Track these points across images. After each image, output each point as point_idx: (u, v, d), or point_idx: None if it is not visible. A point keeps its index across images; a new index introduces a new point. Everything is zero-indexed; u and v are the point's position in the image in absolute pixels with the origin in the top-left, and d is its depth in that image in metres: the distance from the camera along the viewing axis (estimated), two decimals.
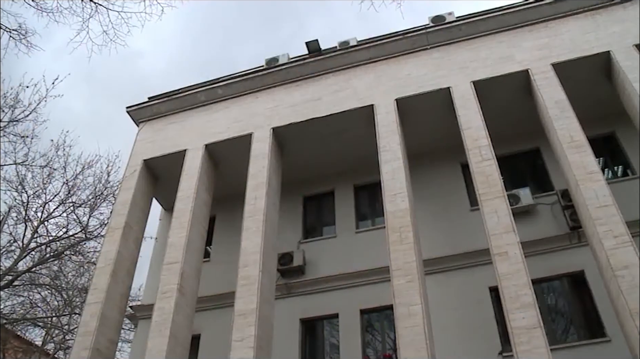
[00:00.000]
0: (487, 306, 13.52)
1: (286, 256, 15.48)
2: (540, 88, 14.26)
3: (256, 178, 14.81)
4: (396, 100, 15.25)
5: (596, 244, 11.48)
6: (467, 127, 14.01)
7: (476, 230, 13.21)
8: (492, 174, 12.89)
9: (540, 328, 10.28)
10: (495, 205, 12.29)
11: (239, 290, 12.72)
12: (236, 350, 11.73)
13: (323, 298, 14.89)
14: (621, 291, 10.35)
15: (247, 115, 16.64)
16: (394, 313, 11.35)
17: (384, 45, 16.68)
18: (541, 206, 14.85)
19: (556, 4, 16.02)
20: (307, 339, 14.79)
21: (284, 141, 16.19)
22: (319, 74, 16.88)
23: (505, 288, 10.98)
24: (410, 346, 10.74)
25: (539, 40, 15.49)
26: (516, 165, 16.06)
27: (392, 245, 12.31)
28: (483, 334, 13.05)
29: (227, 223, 17.07)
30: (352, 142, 16.22)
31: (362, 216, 16.70)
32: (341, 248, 15.74)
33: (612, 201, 11.68)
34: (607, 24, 15.30)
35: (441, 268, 14.11)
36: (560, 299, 13.84)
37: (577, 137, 12.99)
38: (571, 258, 13.78)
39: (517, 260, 11.29)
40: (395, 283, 11.68)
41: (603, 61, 14.70)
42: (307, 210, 17.33)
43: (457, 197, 15.75)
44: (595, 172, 12.30)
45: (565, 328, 13.51)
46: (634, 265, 10.58)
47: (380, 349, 14.14)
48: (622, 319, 10.61)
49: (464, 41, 16.19)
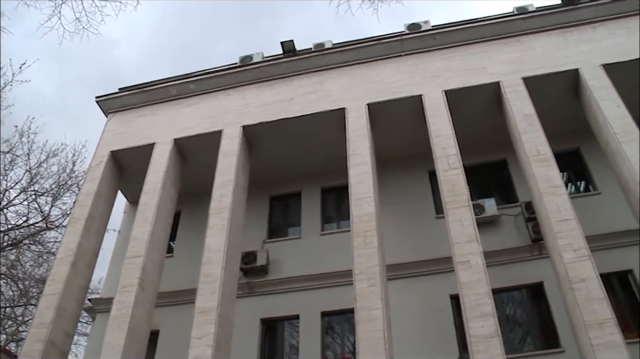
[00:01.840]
0: (447, 313, 13.65)
1: (250, 255, 15.40)
2: (510, 101, 14.46)
3: (224, 175, 14.71)
4: (368, 104, 15.31)
5: (556, 257, 11.68)
6: (437, 135, 14.14)
7: (440, 238, 13.32)
8: (458, 183, 13.02)
9: (497, 337, 10.41)
10: (460, 214, 12.41)
11: (201, 287, 12.61)
12: (195, 347, 11.62)
13: (284, 299, 14.85)
14: (577, 304, 10.57)
15: (218, 112, 16.53)
16: (355, 317, 11.38)
17: (358, 49, 16.74)
18: (505, 217, 15.06)
19: (529, 19, 16.29)
20: (267, 340, 14.74)
21: (254, 140, 16.12)
22: (292, 75, 16.85)
23: (465, 297, 11.10)
24: (369, 350, 10.78)
25: (511, 54, 15.71)
26: (483, 175, 16.23)
27: (356, 248, 12.35)
28: (442, 341, 13.16)
29: (192, 219, 16.92)
30: (322, 144, 16.23)
31: (327, 219, 16.72)
32: (305, 249, 15.73)
33: (574, 215, 11.91)
34: (577, 42, 15.61)
35: (404, 274, 14.18)
36: (519, 309, 14.07)
37: (543, 150, 13.21)
38: (531, 270, 13.99)
39: (478, 269, 11.42)
40: (357, 286, 11.71)
41: (572, 78, 14.98)
42: (273, 210, 17.28)
43: (423, 204, 15.86)
44: (558, 186, 12.52)
45: (522, 337, 13.72)
46: (591, 279, 10.82)
47: (340, 352, 14.16)
48: (576, 330, 10.82)
49: (438, 50, 16.33)
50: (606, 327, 10.15)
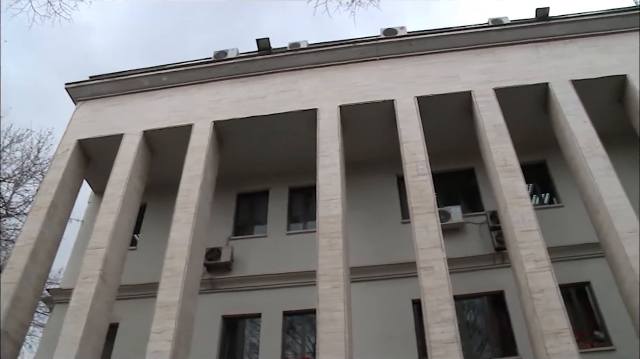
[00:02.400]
0: (408, 318, 13.75)
1: (214, 251, 15.30)
2: (481, 111, 14.63)
3: (192, 170, 14.59)
4: (340, 106, 15.34)
5: (518, 266, 11.85)
6: (407, 140, 14.23)
7: (405, 243, 13.39)
8: (426, 189, 13.13)
9: (457, 343, 10.52)
10: (426, 220, 12.51)
11: (163, 281, 12.47)
12: (154, 342, 11.48)
13: (247, 297, 14.79)
14: (536, 313, 10.74)
15: (189, 106, 16.39)
16: (317, 318, 11.37)
17: (333, 51, 16.76)
18: (470, 225, 15.23)
19: (503, 32, 16.51)
20: (228, 337, 14.65)
21: (224, 136, 16.02)
22: (266, 73, 16.80)
23: (427, 302, 11.18)
24: (329, 352, 10.80)
25: (484, 64, 15.90)
26: (450, 182, 16.39)
27: (321, 249, 12.36)
28: (402, 345, 13.27)
29: (158, 213, 16.73)
30: (292, 143, 16.21)
31: (294, 219, 16.70)
32: (270, 248, 15.69)
33: (537, 226, 12.10)
34: (549, 57, 15.88)
35: (367, 277, 14.24)
36: (479, 316, 14.25)
37: (510, 161, 13.39)
38: (493, 278, 14.17)
39: (441, 275, 11.52)
40: (320, 287, 11.72)
41: (541, 92, 15.22)
42: (240, 207, 17.19)
43: (390, 209, 15.96)
44: (524, 197, 12.71)
45: (481, 344, 13.90)
46: (551, 289, 11.01)
47: (300, 352, 14.16)
48: (533, 339, 11.00)
49: (412, 56, 16.44)
50: (562, 337, 10.34)
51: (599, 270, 13.32)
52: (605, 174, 12.84)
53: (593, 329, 13.40)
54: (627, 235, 11.67)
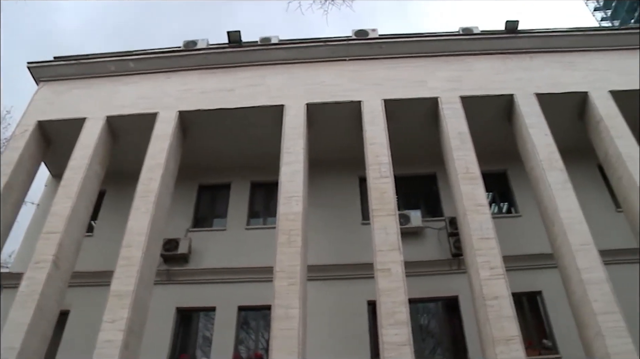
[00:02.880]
0: (363, 318, 13.83)
1: (172, 242, 15.12)
2: (446, 118, 14.78)
3: (154, 158, 14.38)
4: (307, 104, 15.32)
5: (473, 273, 12.02)
6: (371, 142, 14.30)
7: (364, 244, 13.45)
8: (387, 192, 13.21)
9: (409, 346, 10.63)
10: (385, 222, 12.59)
11: (118, 270, 12.27)
12: (106, 331, 11.27)
13: (203, 290, 14.65)
14: (488, 320, 10.92)
15: (156, 94, 16.15)
16: (272, 314, 11.36)
17: (304, 48, 16.74)
18: (429, 230, 15.38)
19: (473, 41, 16.74)
20: (181, 329, 14.48)
21: (189, 126, 15.83)
22: (235, 65, 16.67)
23: (382, 304, 11.27)
24: (282, 349, 10.77)
25: (452, 72, 16.07)
26: (412, 186, 16.54)
27: (280, 246, 12.33)
28: (355, 346, 13.33)
29: (117, 200, 16.45)
30: (257, 138, 16.12)
31: (254, 214, 16.62)
32: (229, 242, 15.58)
33: (494, 234, 12.30)
34: (515, 69, 16.16)
35: (324, 276, 14.24)
36: (433, 320, 14.42)
37: (472, 169, 13.58)
38: (448, 283, 14.36)
39: (398, 277, 11.62)
40: (277, 284, 11.70)
41: (506, 103, 15.46)
42: (201, 199, 17.01)
43: (350, 209, 16.02)
44: (483, 205, 12.90)
45: (433, 348, 14.07)
46: (504, 297, 11.21)
47: (253, 348, 14.09)
48: (485, 345, 11.18)
49: (382, 59, 16.53)
50: (512, 344, 10.55)
51: (551, 281, 13.62)
52: (563, 187, 13.13)
53: (542, 338, 13.71)
54: (580, 248, 11.99)
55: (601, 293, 11.27)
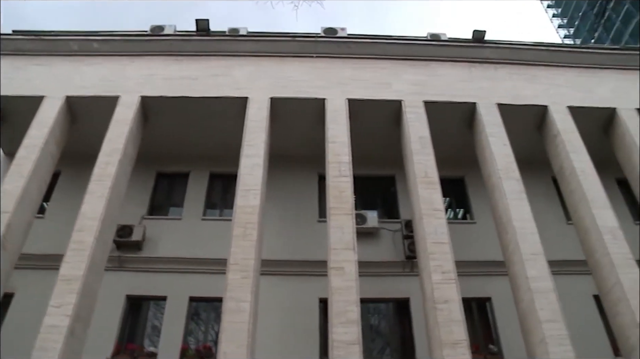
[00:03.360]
0: (314, 315, 13.85)
1: (126, 228, 14.86)
2: (409, 121, 14.90)
3: (112, 143, 14.11)
4: (271, 98, 15.26)
5: (425, 276, 12.15)
6: (333, 141, 14.32)
7: (319, 241, 13.49)
8: (345, 191, 13.25)
9: (358, 345, 10.68)
10: (342, 221, 12.63)
11: (69, 254, 11.97)
12: (51, 316, 10.98)
13: (154, 278, 14.45)
14: (437, 323, 11.07)
15: (119, 77, 15.83)
16: (223, 306, 11.27)
17: (272, 42, 16.66)
18: (384, 231, 15.49)
19: (440, 47, 16.91)
20: (130, 317, 14.23)
21: (151, 112, 15.58)
22: (201, 54, 16.47)
23: (334, 302, 11.30)
24: (232, 341, 10.71)
25: (417, 76, 16.21)
26: (370, 187, 16.62)
27: (235, 239, 12.25)
28: (305, 342, 13.34)
29: (71, 183, 16.08)
30: (219, 129, 15.96)
31: (211, 205, 16.46)
32: (184, 231, 15.42)
33: (448, 239, 12.47)
34: (479, 78, 16.40)
35: (278, 271, 14.22)
36: (383, 321, 14.55)
37: (431, 173, 13.72)
38: (400, 285, 14.50)
39: (351, 277, 11.66)
40: (230, 277, 11.62)
41: (468, 110, 15.67)
42: (158, 187, 16.75)
43: (307, 206, 16.01)
44: (439, 210, 13.05)
45: (382, 348, 14.19)
46: (454, 301, 11.38)
47: (202, 340, 13.95)
48: (432, 348, 11.31)
49: (349, 58, 16.56)
50: (459, 347, 10.72)
51: (501, 288, 13.87)
52: (518, 197, 13.39)
53: (488, 343, 13.96)
54: (530, 257, 12.26)
55: (547, 302, 11.55)
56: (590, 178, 14.02)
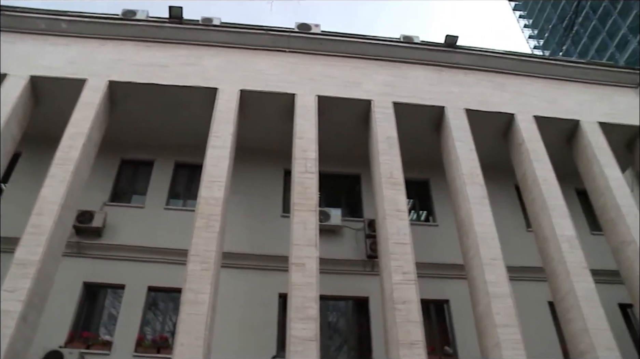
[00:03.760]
0: (272, 310, 13.82)
1: (87, 214, 14.59)
2: (377, 121, 14.96)
3: (77, 126, 13.82)
4: (241, 90, 15.15)
5: (386, 276, 12.23)
6: (300, 136, 14.29)
7: (281, 236, 13.48)
8: (310, 187, 13.25)
9: (316, 342, 10.71)
10: (305, 217, 12.62)
11: (25, 238, 11.69)
12: (4, 301, 10.61)
13: (113, 266, 14.21)
14: (395, 323, 11.16)
15: (87, 60, 15.50)
16: (181, 297, 11.17)
17: (245, 34, 16.53)
18: (347, 230, 15.52)
19: (412, 50, 17.00)
20: (86, 305, 13.99)
21: (118, 98, 15.31)
22: (173, 42, 16.24)
23: (294, 297, 11.30)
24: (189, 333, 10.63)
25: (387, 77, 16.28)
26: (335, 185, 16.65)
27: (197, 230, 12.15)
28: (262, 337, 13.30)
29: (32, 165, 15.65)
30: (187, 118, 15.79)
31: (175, 194, 16.26)
32: (146, 220, 15.19)
33: (410, 240, 12.58)
34: (449, 83, 16.55)
35: (238, 264, 14.17)
36: (342, 319, 14.61)
37: (396, 174, 13.81)
38: (360, 284, 14.55)
39: (311, 273, 11.68)
40: (190, 267, 11.52)
41: (437, 114, 15.80)
42: (122, 174, 16.46)
43: (272, 200, 15.96)
44: (402, 211, 13.15)
45: (340, 346, 14.24)
46: (412, 302, 11.49)
47: (159, 330, 13.80)
48: (389, 348, 11.41)
49: (321, 55, 16.54)
50: (415, 348, 10.83)
51: (459, 291, 14.07)
52: (480, 202, 13.57)
53: (444, 344, 14.14)
54: (489, 262, 12.46)
55: (504, 307, 11.75)
56: (552, 187, 14.30)
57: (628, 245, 13.89)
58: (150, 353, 13.03)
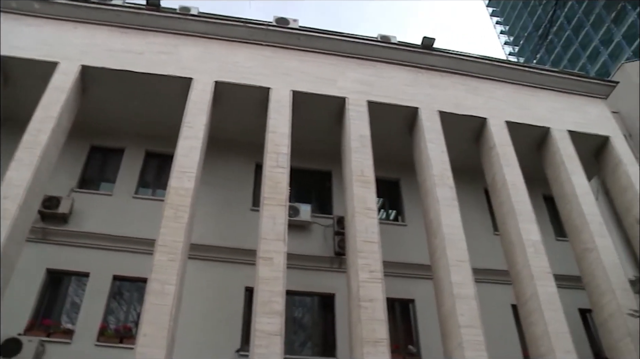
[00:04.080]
0: (238, 304, 13.77)
1: (53, 200, 14.34)
2: (351, 119, 14.98)
3: (47, 110, 13.54)
4: (216, 81, 15.04)
5: (352, 273, 12.28)
6: (273, 131, 14.24)
7: (250, 230, 13.48)
8: (281, 182, 13.22)
9: (280, 336, 10.72)
10: (275, 212, 12.61)
11: None
12: None
13: (78, 253, 13.99)
14: (360, 321, 11.22)
15: (60, 43, 15.20)
16: (147, 287, 11.07)
17: (223, 25, 16.38)
18: (316, 226, 15.54)
19: (389, 49, 17.03)
20: (49, 292, 13.73)
21: (90, 83, 15.06)
22: (149, 29, 15.99)
23: (260, 291, 11.28)
24: (153, 324, 10.54)
25: (363, 76, 16.30)
26: (306, 180, 16.59)
27: (166, 220, 12.04)
28: (227, 329, 13.26)
29: None
30: (160, 107, 15.60)
31: (144, 183, 16.06)
32: (114, 208, 14.98)
33: (378, 239, 12.65)
34: (424, 84, 16.65)
35: (206, 256, 14.09)
36: (307, 315, 14.61)
37: (367, 173, 13.86)
38: (327, 281, 14.60)
39: (279, 268, 11.68)
40: (156, 258, 11.42)
41: (410, 114, 15.89)
42: (91, 160, 16.18)
43: (242, 194, 15.88)
44: (372, 209, 13.21)
45: (304, 342, 14.26)
46: (378, 300, 11.57)
47: (122, 320, 13.63)
48: (354, 345, 11.47)
49: (298, 50, 16.48)
50: (380, 346, 10.91)
51: (424, 291, 14.20)
52: (450, 204, 13.70)
53: (408, 343, 14.26)
54: (456, 263, 12.60)
55: (468, 308, 11.91)
56: (520, 192, 14.51)
57: (590, 252, 14.19)
58: (112, 343, 12.87)
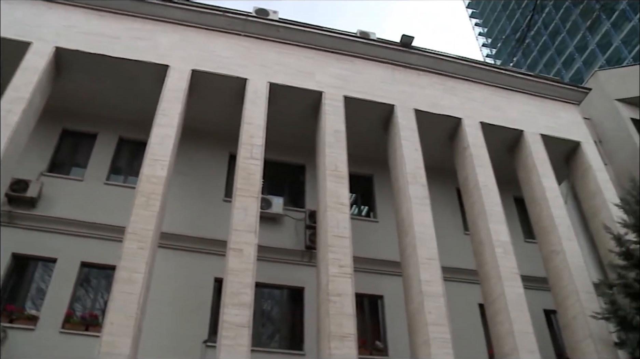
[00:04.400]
0: (207, 294, 13.70)
1: (21, 183, 14.07)
2: (326, 113, 14.99)
3: (18, 90, 13.24)
4: (193, 70, 14.90)
5: (322, 268, 12.31)
6: (249, 122, 14.18)
7: (221, 221, 13.42)
8: (254, 174, 13.19)
9: (248, 328, 10.71)
10: (247, 203, 12.57)
11: None
12: None
13: (46, 238, 13.76)
14: (329, 315, 11.26)
15: (34, 23, 14.86)
16: (115, 275, 10.96)
17: (202, 14, 16.21)
18: (288, 219, 15.53)
19: (367, 46, 17.04)
20: (13, 277, 13.49)
21: (65, 66, 14.81)
22: (127, 14, 15.72)
23: (229, 283, 11.25)
24: (120, 312, 10.43)
25: (341, 71, 16.31)
26: (279, 173, 16.57)
27: (136, 207, 11.92)
28: (194, 320, 13.18)
29: None
30: (135, 93, 15.42)
31: (116, 170, 15.84)
32: (84, 194, 14.76)
33: (349, 234, 12.70)
34: (401, 82, 16.71)
35: (175, 245, 14.00)
36: (276, 307, 14.63)
37: (341, 168, 13.89)
38: (297, 274, 14.61)
39: (249, 259, 11.65)
40: (126, 245, 11.30)
41: (386, 112, 15.95)
42: (62, 144, 15.90)
43: (214, 184, 15.79)
44: (344, 204, 13.25)
45: (272, 334, 14.27)
46: (347, 295, 11.61)
47: (89, 307, 13.45)
48: (320, 338, 11.52)
49: (276, 42, 16.41)
50: (347, 341, 10.97)
51: (393, 287, 14.30)
52: (421, 202, 13.79)
53: (375, 339, 14.34)
54: (426, 261, 12.70)
55: (436, 306, 12.02)
56: (491, 193, 14.68)
57: (557, 255, 14.42)
58: (78, 330, 12.68)
